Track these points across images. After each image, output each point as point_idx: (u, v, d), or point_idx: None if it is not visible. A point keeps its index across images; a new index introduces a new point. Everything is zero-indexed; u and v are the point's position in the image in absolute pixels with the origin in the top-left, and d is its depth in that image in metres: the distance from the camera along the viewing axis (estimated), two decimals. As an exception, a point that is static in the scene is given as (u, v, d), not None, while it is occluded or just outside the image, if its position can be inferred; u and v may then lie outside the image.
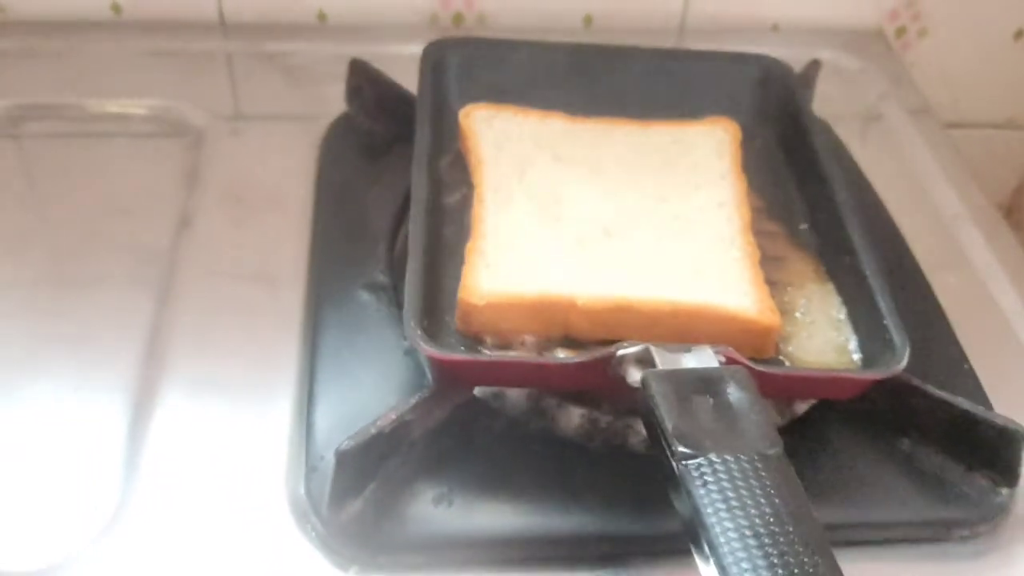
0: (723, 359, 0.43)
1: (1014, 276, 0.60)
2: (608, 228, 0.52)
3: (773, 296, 0.50)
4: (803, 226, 0.57)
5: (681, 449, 0.38)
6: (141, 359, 0.50)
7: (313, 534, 0.44)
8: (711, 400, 0.40)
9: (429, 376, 0.47)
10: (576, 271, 0.50)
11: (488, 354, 0.48)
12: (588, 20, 0.78)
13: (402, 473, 0.45)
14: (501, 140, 0.57)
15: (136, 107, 0.67)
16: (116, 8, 0.74)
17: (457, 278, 0.49)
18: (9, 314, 0.53)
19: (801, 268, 0.54)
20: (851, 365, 0.49)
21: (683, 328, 0.48)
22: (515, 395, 0.48)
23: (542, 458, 0.46)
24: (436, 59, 0.60)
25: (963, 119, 0.85)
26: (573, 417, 0.48)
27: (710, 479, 0.37)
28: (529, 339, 0.49)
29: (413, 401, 0.44)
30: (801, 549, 0.35)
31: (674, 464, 0.38)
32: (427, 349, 0.44)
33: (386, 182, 0.59)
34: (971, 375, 0.52)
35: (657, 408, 0.40)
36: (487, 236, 0.51)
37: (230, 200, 0.60)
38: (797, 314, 0.51)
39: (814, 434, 0.48)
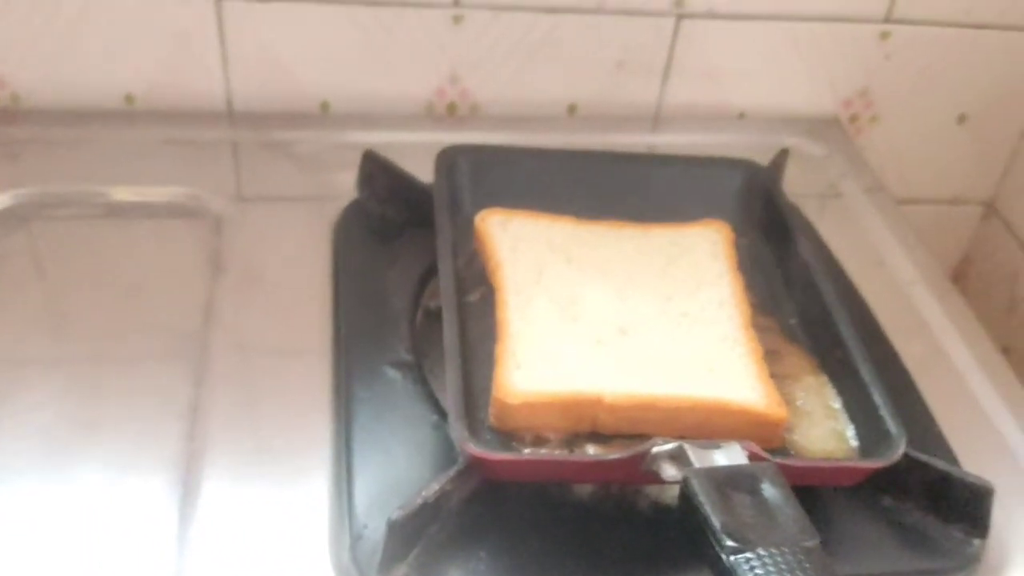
0: (747, 454, 0.47)
1: (966, 338, 0.66)
2: (623, 327, 0.56)
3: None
4: (792, 320, 0.61)
5: (731, 544, 0.41)
6: (184, 437, 0.53)
7: (362, 600, 0.46)
8: (748, 497, 0.44)
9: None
10: (599, 369, 0.53)
11: (531, 453, 0.51)
12: (572, 109, 0.82)
13: (441, 539, 0.48)
14: (517, 243, 0.60)
15: (153, 194, 0.69)
16: (130, 99, 0.77)
17: (484, 376, 0.53)
18: (51, 397, 0.55)
19: (796, 361, 0.58)
20: (850, 452, 0.53)
21: (700, 422, 0.52)
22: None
23: (560, 521, 0.50)
24: (449, 163, 0.64)
25: (912, 196, 0.91)
26: (586, 484, 0.52)
27: (760, 572, 0.40)
28: (558, 434, 0.52)
29: (452, 473, 0.47)
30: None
31: (724, 558, 0.41)
32: (477, 452, 0.47)
33: (402, 263, 0.63)
34: (940, 437, 0.57)
35: (702, 506, 0.43)
36: (514, 337, 0.54)
37: (251, 282, 0.63)
38: (798, 403, 0.55)
39: (802, 492, 0.51)
